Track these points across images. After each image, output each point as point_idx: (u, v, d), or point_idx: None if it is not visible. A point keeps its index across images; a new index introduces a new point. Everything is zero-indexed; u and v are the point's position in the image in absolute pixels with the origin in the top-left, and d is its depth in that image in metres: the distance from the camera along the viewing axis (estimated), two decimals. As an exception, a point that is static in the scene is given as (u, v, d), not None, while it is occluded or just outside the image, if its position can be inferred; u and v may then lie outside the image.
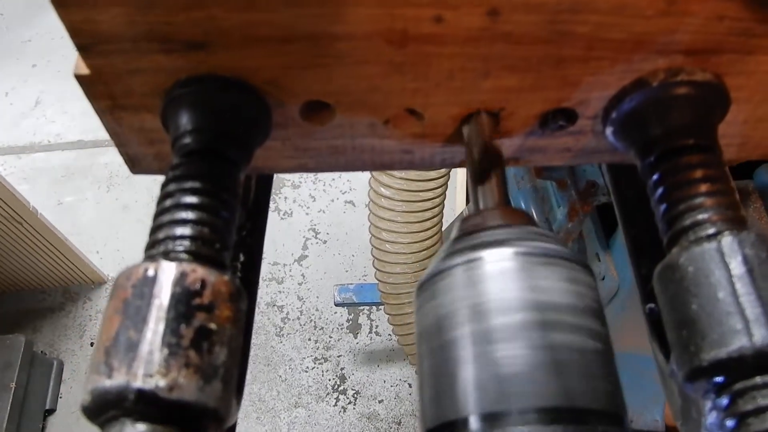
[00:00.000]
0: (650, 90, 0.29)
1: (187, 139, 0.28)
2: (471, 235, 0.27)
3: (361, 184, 1.99)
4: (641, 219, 0.42)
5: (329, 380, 1.68)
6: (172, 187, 0.27)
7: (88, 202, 2.08)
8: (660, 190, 0.28)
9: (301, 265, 1.88)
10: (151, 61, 0.28)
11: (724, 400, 0.23)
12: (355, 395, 1.66)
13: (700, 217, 0.26)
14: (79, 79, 0.29)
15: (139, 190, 2.06)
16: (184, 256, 0.25)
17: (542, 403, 0.22)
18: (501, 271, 0.25)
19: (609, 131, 0.32)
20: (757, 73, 0.31)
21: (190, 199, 0.26)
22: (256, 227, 0.42)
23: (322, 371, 1.70)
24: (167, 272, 0.23)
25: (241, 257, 0.40)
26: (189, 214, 0.26)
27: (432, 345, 0.25)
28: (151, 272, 0.23)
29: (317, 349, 1.73)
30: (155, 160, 0.36)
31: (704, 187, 0.27)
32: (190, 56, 0.28)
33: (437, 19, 0.27)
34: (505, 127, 0.33)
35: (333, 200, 2.00)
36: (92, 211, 2.05)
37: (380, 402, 1.64)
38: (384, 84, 0.30)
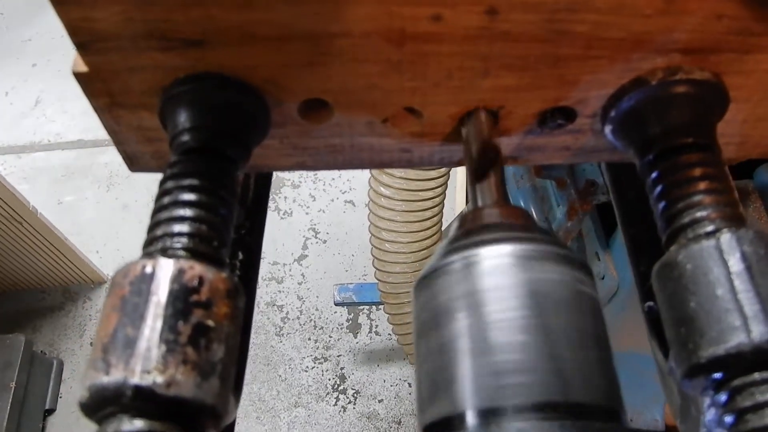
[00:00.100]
0: (649, 89, 0.29)
1: (185, 137, 0.28)
2: (469, 232, 0.27)
3: (361, 184, 1.99)
4: (640, 218, 0.42)
5: (329, 380, 1.68)
6: (170, 184, 0.27)
7: (88, 201, 2.08)
8: (659, 188, 0.28)
9: (301, 265, 1.88)
10: (149, 59, 0.28)
11: (723, 397, 0.23)
12: (355, 395, 1.66)
13: (699, 214, 0.26)
14: (78, 76, 0.29)
15: (139, 189, 2.06)
16: (181, 253, 0.25)
17: (539, 399, 0.22)
18: (499, 269, 0.25)
19: (608, 130, 0.32)
20: (756, 72, 0.31)
21: (188, 196, 0.26)
22: (255, 226, 0.42)
23: (322, 371, 1.70)
24: (165, 269, 0.23)
25: (240, 255, 0.40)
26: (187, 212, 0.26)
27: (429, 341, 0.25)
28: (148, 269, 0.23)
29: (317, 348, 1.73)
30: (153, 158, 0.36)
31: (703, 185, 0.27)
32: (188, 54, 0.28)
33: (435, 17, 0.27)
34: (504, 125, 0.33)
35: (333, 200, 2.00)
36: (92, 211, 2.05)
37: (380, 401, 1.64)
38: (382, 83, 0.30)
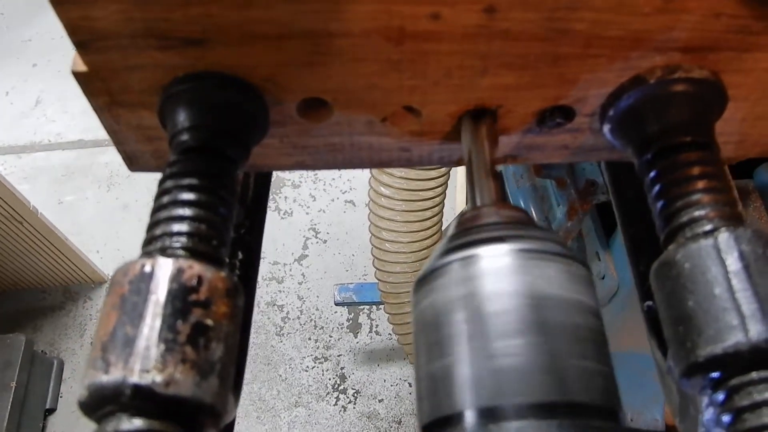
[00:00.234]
0: (647, 87, 0.29)
1: (184, 136, 0.28)
2: (468, 231, 0.27)
3: (361, 184, 1.99)
4: (640, 217, 0.42)
5: (329, 379, 1.68)
6: (169, 183, 0.27)
7: (88, 201, 2.08)
8: (657, 187, 0.28)
9: (302, 265, 1.88)
10: (148, 58, 0.28)
11: (721, 396, 0.23)
12: (356, 394, 1.66)
13: (697, 213, 0.26)
14: (77, 75, 0.29)
15: (140, 189, 2.06)
16: (181, 252, 0.25)
17: (538, 398, 0.22)
18: (497, 268, 0.25)
19: (606, 128, 0.32)
20: (755, 71, 0.31)
21: (188, 195, 0.26)
22: (254, 225, 0.42)
23: (323, 370, 1.70)
24: (164, 268, 0.23)
25: (240, 255, 0.40)
26: (186, 211, 0.26)
27: (428, 340, 0.25)
28: (148, 268, 0.23)
29: (317, 348, 1.73)
30: (153, 157, 0.36)
31: (701, 184, 0.27)
32: (187, 53, 0.28)
33: (434, 16, 0.27)
34: (503, 124, 0.33)
35: (333, 200, 2.00)
36: (92, 211, 2.05)
37: (380, 401, 1.64)
38: (382, 81, 0.30)
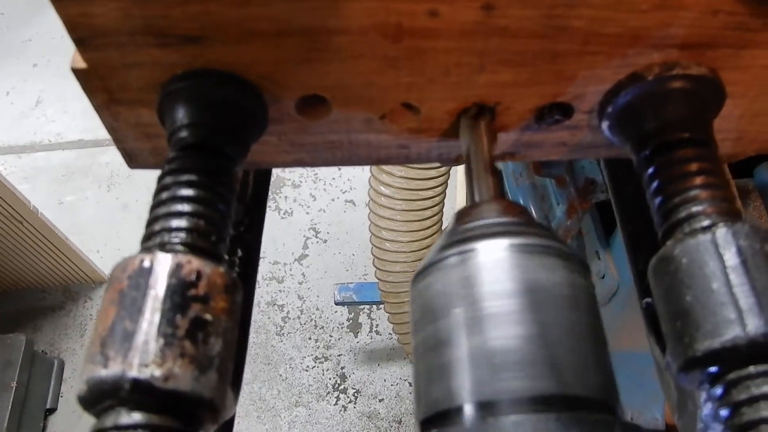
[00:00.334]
0: (645, 84, 0.29)
1: (183, 134, 0.28)
2: (466, 227, 0.27)
3: (361, 183, 1.99)
4: (638, 214, 0.42)
5: (330, 379, 1.68)
6: (168, 180, 0.27)
7: (88, 201, 2.08)
8: (655, 184, 0.28)
9: (302, 264, 1.88)
10: (147, 55, 0.28)
11: (718, 391, 0.23)
12: (356, 394, 1.66)
13: (695, 209, 0.26)
14: (76, 72, 0.29)
15: (140, 189, 2.06)
16: (179, 247, 0.25)
17: (535, 392, 0.22)
18: (495, 262, 0.25)
19: (605, 125, 0.32)
20: (753, 68, 0.31)
21: (186, 191, 0.26)
22: (254, 223, 0.42)
23: (323, 370, 1.70)
24: (163, 263, 0.23)
25: (239, 252, 0.40)
26: (185, 207, 0.26)
27: (426, 335, 0.25)
28: (147, 263, 0.23)
29: (318, 348, 1.73)
30: (152, 154, 0.36)
31: (699, 180, 0.27)
32: (186, 50, 0.28)
33: (432, 13, 0.27)
34: (501, 121, 0.33)
35: (333, 199, 2.00)
36: (93, 211, 2.06)
37: (381, 401, 1.64)
38: (379, 79, 0.30)
